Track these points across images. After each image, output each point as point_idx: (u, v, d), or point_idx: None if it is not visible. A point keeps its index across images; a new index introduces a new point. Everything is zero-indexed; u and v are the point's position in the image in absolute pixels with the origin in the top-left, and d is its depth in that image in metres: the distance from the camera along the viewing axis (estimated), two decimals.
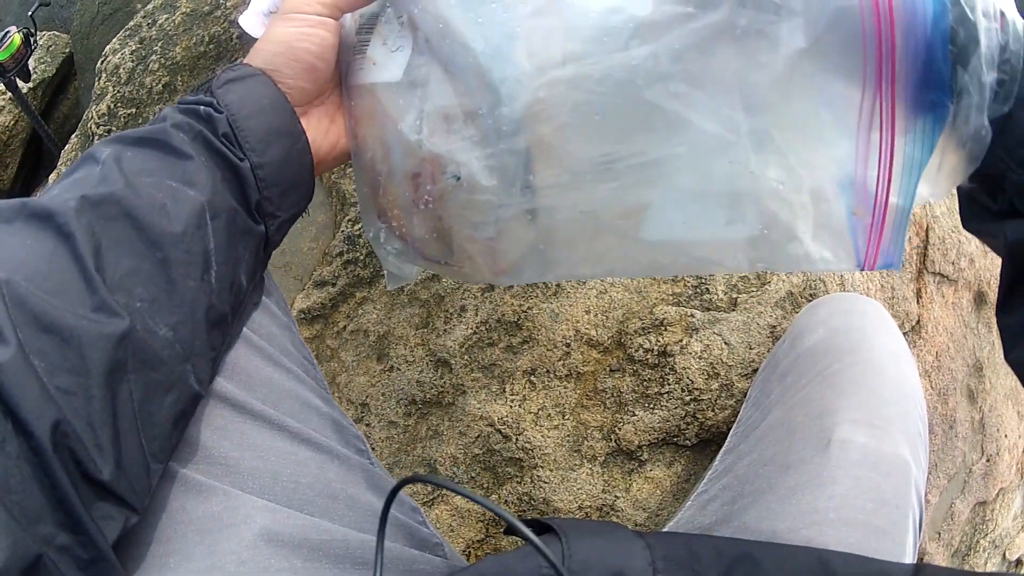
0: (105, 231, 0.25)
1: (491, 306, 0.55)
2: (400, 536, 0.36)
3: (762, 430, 0.43)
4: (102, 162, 0.27)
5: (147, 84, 0.75)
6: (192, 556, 0.26)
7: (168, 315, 0.26)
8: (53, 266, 0.23)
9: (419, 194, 0.27)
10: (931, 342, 0.68)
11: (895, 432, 0.38)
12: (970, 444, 0.76)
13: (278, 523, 0.29)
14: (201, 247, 0.28)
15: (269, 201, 0.31)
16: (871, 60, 0.21)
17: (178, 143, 0.29)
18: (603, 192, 0.24)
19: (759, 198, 0.23)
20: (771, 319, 0.54)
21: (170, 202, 0.27)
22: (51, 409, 0.21)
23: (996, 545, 0.86)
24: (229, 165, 0.29)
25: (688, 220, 0.23)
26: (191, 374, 0.27)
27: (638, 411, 0.53)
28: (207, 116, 0.30)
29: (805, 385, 0.42)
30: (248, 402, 0.31)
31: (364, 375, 0.58)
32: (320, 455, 0.33)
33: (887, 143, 0.21)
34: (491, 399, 0.55)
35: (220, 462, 0.29)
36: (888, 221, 0.22)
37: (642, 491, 0.54)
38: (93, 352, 0.22)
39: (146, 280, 0.25)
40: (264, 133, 0.30)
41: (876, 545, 0.34)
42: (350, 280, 0.59)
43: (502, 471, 0.55)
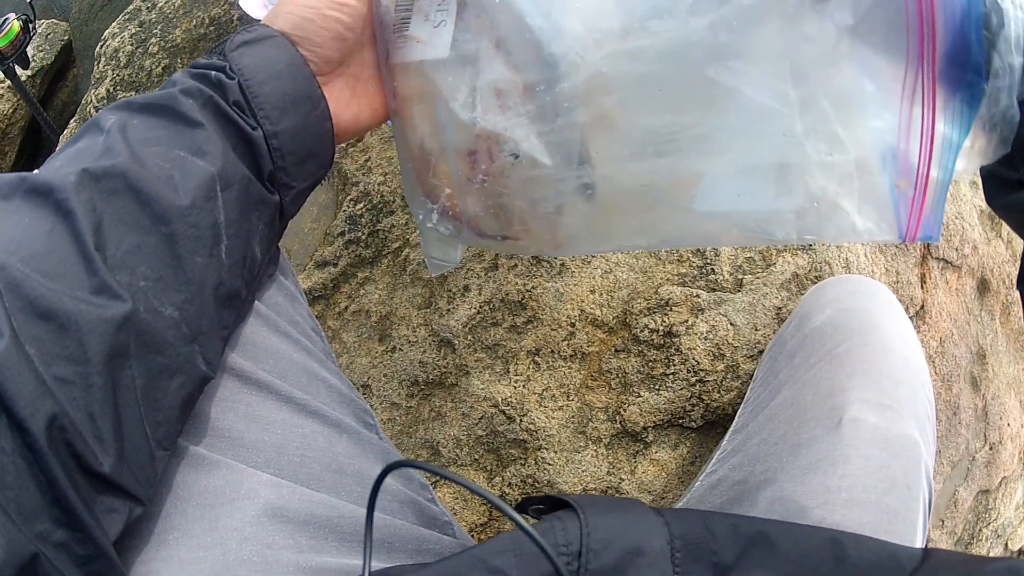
0: (107, 206, 0.24)
1: (495, 285, 0.54)
2: (410, 514, 0.35)
3: (771, 410, 0.43)
4: (106, 131, 0.26)
5: (147, 67, 0.74)
6: (193, 532, 0.25)
7: (174, 293, 0.25)
8: (51, 246, 0.22)
9: (475, 172, 0.28)
10: (935, 328, 0.68)
11: (905, 412, 0.38)
12: (973, 431, 0.75)
13: (283, 498, 0.28)
14: (210, 220, 0.26)
15: (284, 171, 0.29)
16: (913, 38, 0.22)
17: (187, 110, 0.27)
18: (660, 164, 0.25)
19: (807, 170, 0.23)
20: (777, 300, 0.54)
21: (177, 173, 0.26)
22: (47, 402, 0.20)
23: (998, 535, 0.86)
24: (241, 133, 0.28)
25: (740, 191, 0.24)
26: (198, 355, 0.26)
27: (643, 392, 0.53)
28: (218, 82, 0.28)
29: (814, 364, 0.42)
30: (254, 373, 0.30)
31: (366, 356, 0.58)
32: (328, 428, 0.32)
33: (928, 118, 0.22)
34: (495, 380, 0.54)
35: (224, 435, 0.28)
36: (929, 194, 0.23)
37: (647, 473, 0.54)
38: (92, 338, 0.21)
39: (150, 257, 0.24)
40: (280, 99, 0.29)
41: (888, 526, 0.34)
42: (352, 260, 0.58)
43: (506, 453, 0.54)
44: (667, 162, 0.25)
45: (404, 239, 0.57)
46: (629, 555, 0.25)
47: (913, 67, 0.22)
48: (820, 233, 0.24)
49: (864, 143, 0.23)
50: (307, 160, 0.30)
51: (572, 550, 0.25)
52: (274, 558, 0.26)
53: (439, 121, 0.28)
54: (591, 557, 0.25)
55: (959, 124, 0.22)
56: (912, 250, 0.66)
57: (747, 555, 0.25)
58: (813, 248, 0.55)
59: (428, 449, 0.56)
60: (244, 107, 0.28)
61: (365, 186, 0.59)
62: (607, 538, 0.25)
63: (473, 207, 0.29)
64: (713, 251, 0.54)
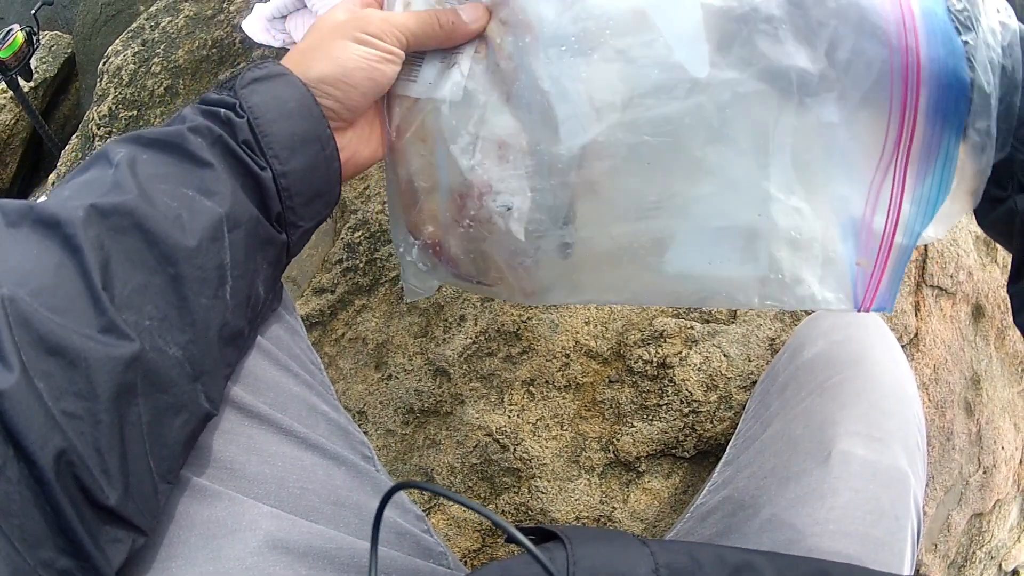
0: (115, 244, 0.24)
1: (490, 316, 0.55)
2: (406, 545, 0.35)
3: (762, 442, 0.43)
4: (115, 164, 0.26)
5: (149, 86, 0.75)
6: (195, 561, 0.26)
7: (179, 334, 0.25)
8: (60, 281, 0.22)
9: (462, 215, 0.28)
10: (929, 355, 0.69)
11: (894, 444, 0.38)
12: (967, 456, 0.76)
13: (283, 530, 0.28)
14: (216, 261, 0.26)
15: (292, 211, 0.29)
16: (895, 118, 0.23)
17: (196, 149, 0.27)
18: (640, 229, 0.26)
19: (775, 242, 0.25)
20: (770, 331, 0.54)
21: (185, 213, 0.26)
22: (56, 436, 0.20)
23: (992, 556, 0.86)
24: (249, 173, 0.28)
25: (711, 258, 0.26)
26: (201, 393, 0.26)
27: (636, 422, 0.53)
28: (227, 120, 0.28)
29: (805, 397, 0.43)
30: (255, 406, 0.31)
31: (362, 383, 0.58)
32: (327, 461, 0.33)
33: (897, 195, 0.24)
34: (489, 409, 0.55)
35: (226, 466, 0.29)
36: (888, 268, 0.24)
37: (640, 502, 0.54)
38: (101, 376, 0.22)
39: (156, 297, 0.24)
40: (288, 139, 0.29)
41: (875, 556, 0.34)
42: (349, 288, 0.59)
43: (499, 481, 0.55)
44: (646, 227, 0.26)
45: None
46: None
47: (891, 145, 0.23)
48: (781, 301, 0.25)
49: (831, 219, 0.24)
50: (315, 200, 0.30)
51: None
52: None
53: (435, 161, 0.29)
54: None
55: (939, 187, 0.24)
56: (907, 279, 0.67)
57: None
58: None
59: (422, 476, 0.56)
60: (253, 146, 0.28)
61: (363, 214, 0.60)
62: (592, 567, 0.26)
63: (455, 248, 0.30)
64: None
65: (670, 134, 0.24)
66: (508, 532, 0.22)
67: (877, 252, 0.24)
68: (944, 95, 0.23)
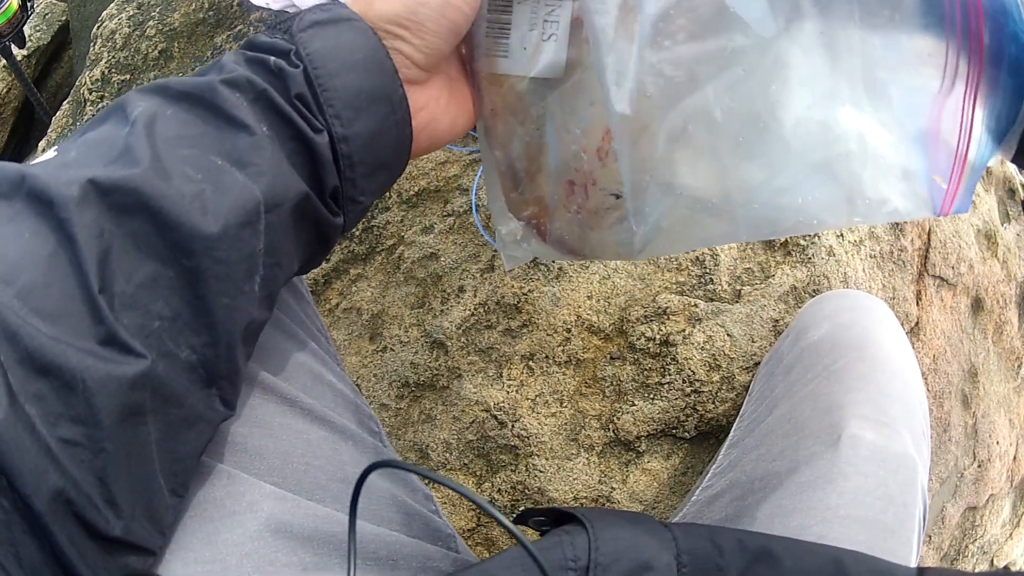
0: (117, 228, 0.20)
1: (490, 287, 0.53)
2: (414, 526, 0.33)
3: (768, 424, 0.43)
4: (132, 122, 0.22)
5: (143, 50, 0.73)
6: (189, 546, 0.24)
7: (193, 336, 0.21)
8: (52, 277, 0.19)
9: (570, 201, 0.27)
10: (929, 345, 0.68)
11: (901, 429, 0.38)
12: (963, 449, 0.76)
13: (287, 512, 0.26)
14: (246, 251, 0.22)
15: (351, 183, 0.25)
16: (958, 34, 0.22)
17: (230, 107, 0.22)
18: (736, 174, 0.26)
19: (858, 163, 0.24)
20: (774, 312, 0.53)
21: (209, 188, 0.21)
22: (52, 473, 0.18)
23: (984, 551, 0.86)
24: (300, 138, 0.23)
25: (802, 185, 0.25)
26: (216, 398, 0.23)
27: (637, 401, 0.52)
28: (278, 70, 0.23)
29: (811, 380, 0.42)
30: (258, 374, 0.28)
31: (356, 355, 0.57)
32: (334, 435, 0.31)
33: (968, 111, 0.23)
34: (487, 383, 0.53)
35: (224, 439, 0.26)
36: (962, 184, 0.24)
37: (639, 483, 0.53)
38: (102, 399, 0.19)
39: (167, 293, 0.21)
40: (353, 96, 0.24)
41: (884, 544, 0.34)
42: (344, 256, 0.57)
43: (496, 458, 0.54)
44: (743, 172, 0.25)
45: (398, 236, 0.56)
46: (637, 569, 0.24)
47: (953, 55, 0.22)
48: (867, 218, 0.25)
49: (907, 135, 0.24)
50: (378, 171, 0.26)
51: (580, 565, 0.24)
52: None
53: (541, 143, 0.27)
54: (599, 572, 0.24)
55: (1005, 118, 0.23)
56: (909, 267, 0.66)
57: (752, 571, 0.25)
58: (812, 261, 0.54)
59: (417, 452, 0.55)
60: (310, 103, 0.23)
61: None
62: (615, 552, 0.25)
63: (559, 230, 0.29)
64: (712, 260, 0.53)
65: (752, 96, 0.24)
66: (503, 523, 0.20)
67: (951, 168, 0.23)
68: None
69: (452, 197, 0.56)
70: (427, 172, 0.57)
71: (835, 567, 0.25)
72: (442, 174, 0.57)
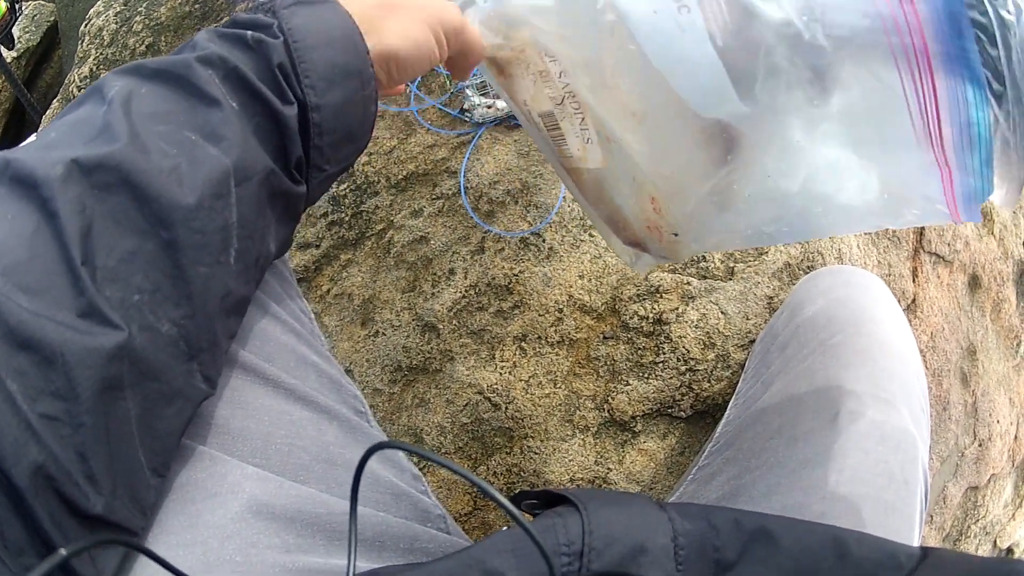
0: (99, 204, 0.20)
1: (481, 269, 0.53)
2: (403, 507, 0.33)
3: (764, 401, 0.42)
4: (108, 101, 0.22)
5: (130, 45, 0.73)
6: (172, 529, 0.23)
7: (173, 308, 0.22)
8: (35, 252, 0.19)
9: (652, 237, 0.36)
10: (926, 322, 0.68)
11: (900, 406, 0.37)
12: (963, 427, 0.75)
13: (269, 493, 0.26)
14: (220, 222, 0.23)
15: (319, 151, 0.26)
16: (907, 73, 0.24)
17: (202, 83, 0.23)
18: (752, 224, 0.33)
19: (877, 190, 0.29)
20: (768, 290, 0.53)
21: (185, 162, 0.22)
22: (32, 448, 0.18)
23: (987, 532, 0.86)
24: (268, 112, 0.24)
25: (814, 222, 0.31)
26: (197, 373, 0.23)
27: (632, 380, 0.52)
28: (256, 44, 0.24)
29: (807, 356, 0.41)
30: (240, 355, 0.28)
31: (348, 340, 0.56)
32: (318, 415, 0.30)
33: (940, 154, 0.25)
34: (480, 366, 0.53)
35: (207, 421, 0.26)
36: (962, 212, 0.27)
37: (635, 463, 0.53)
38: (80, 372, 0.19)
39: (147, 266, 0.21)
40: (328, 69, 0.25)
41: (885, 522, 0.33)
42: (334, 242, 0.57)
43: (491, 441, 0.53)
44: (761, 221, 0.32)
45: (388, 221, 0.55)
46: (632, 553, 0.24)
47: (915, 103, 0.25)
48: (895, 224, 0.30)
49: (906, 173, 0.28)
50: (345, 142, 0.27)
51: (574, 549, 0.24)
52: (258, 558, 0.24)
53: (617, 204, 0.36)
54: (593, 556, 0.24)
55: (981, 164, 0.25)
56: (904, 243, 0.66)
57: (749, 551, 0.25)
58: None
59: (411, 436, 0.55)
60: (289, 73, 0.25)
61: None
62: (610, 535, 0.24)
63: (655, 250, 0.39)
64: None
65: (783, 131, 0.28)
66: (502, 505, 0.19)
67: (948, 203, 0.27)
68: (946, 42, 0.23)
69: (441, 180, 0.56)
70: (415, 156, 0.57)
71: (835, 546, 0.25)
72: (430, 157, 0.57)
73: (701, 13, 0.25)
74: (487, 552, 0.24)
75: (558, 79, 0.33)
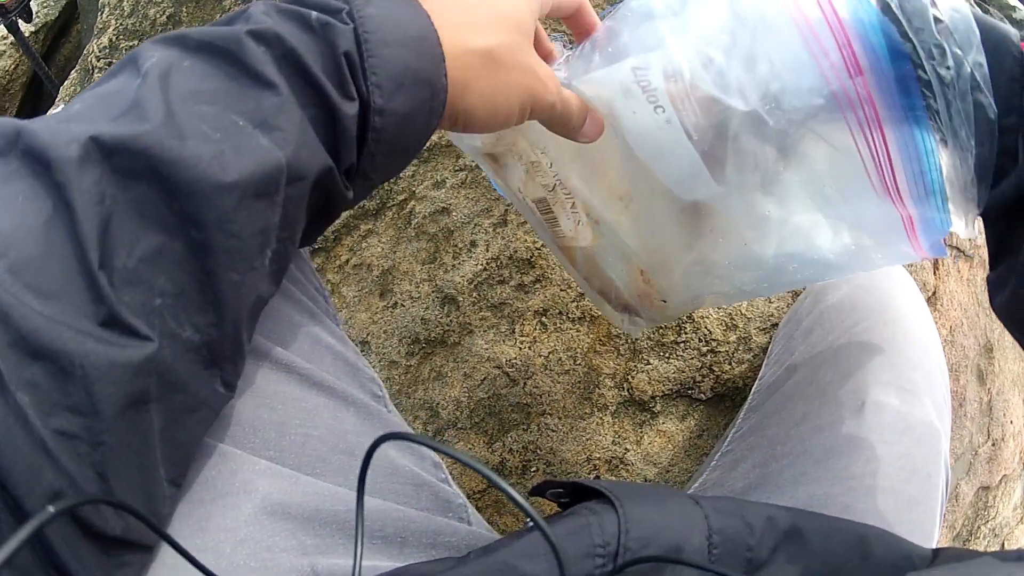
0: (120, 193, 0.18)
1: (503, 242, 0.52)
2: (423, 498, 0.31)
3: (789, 388, 0.42)
4: (143, 74, 0.19)
5: (151, 15, 0.72)
6: (180, 533, 0.22)
7: (198, 314, 0.19)
8: (49, 247, 0.17)
9: (643, 304, 0.40)
10: (946, 316, 0.67)
11: (924, 397, 0.37)
12: (977, 425, 0.74)
13: (284, 491, 0.24)
14: (260, 225, 0.20)
15: (371, 158, 0.23)
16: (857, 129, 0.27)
17: (255, 61, 0.20)
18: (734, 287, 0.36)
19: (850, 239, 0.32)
20: None
21: (229, 151, 0.19)
22: (48, 471, 0.16)
23: (996, 534, 0.85)
24: (324, 105, 0.21)
25: (809, 274, 0.34)
26: (218, 379, 0.21)
27: (653, 360, 0.51)
28: (321, 26, 0.21)
29: (832, 343, 0.41)
30: (251, 338, 0.26)
31: (365, 312, 0.56)
32: (334, 402, 0.28)
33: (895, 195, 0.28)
34: (499, 340, 0.52)
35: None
36: (924, 247, 0.29)
37: (653, 444, 0.52)
38: (103, 386, 0.17)
39: (172, 267, 0.19)
40: (399, 71, 0.22)
41: (909, 516, 0.33)
42: (354, 212, 0.56)
43: (508, 417, 0.53)
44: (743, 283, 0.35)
45: (410, 191, 0.55)
46: (667, 553, 0.23)
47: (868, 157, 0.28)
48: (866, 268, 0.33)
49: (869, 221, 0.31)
50: (398, 155, 0.24)
51: (609, 551, 0.23)
52: (274, 563, 0.23)
53: (609, 276, 0.39)
54: (628, 557, 0.23)
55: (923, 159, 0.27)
56: None
57: (780, 551, 0.24)
58: None
59: (427, 411, 0.54)
60: (355, 65, 0.22)
61: None
62: (646, 536, 0.23)
63: (647, 315, 0.42)
64: None
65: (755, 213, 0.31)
66: (527, 511, 0.18)
67: (912, 244, 0.30)
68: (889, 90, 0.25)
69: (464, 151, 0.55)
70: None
71: (861, 547, 0.25)
72: None
73: (675, 112, 0.28)
74: (520, 555, 0.22)
75: (548, 168, 0.35)
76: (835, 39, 0.25)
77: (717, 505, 0.25)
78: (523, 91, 0.26)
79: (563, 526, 0.24)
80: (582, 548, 0.23)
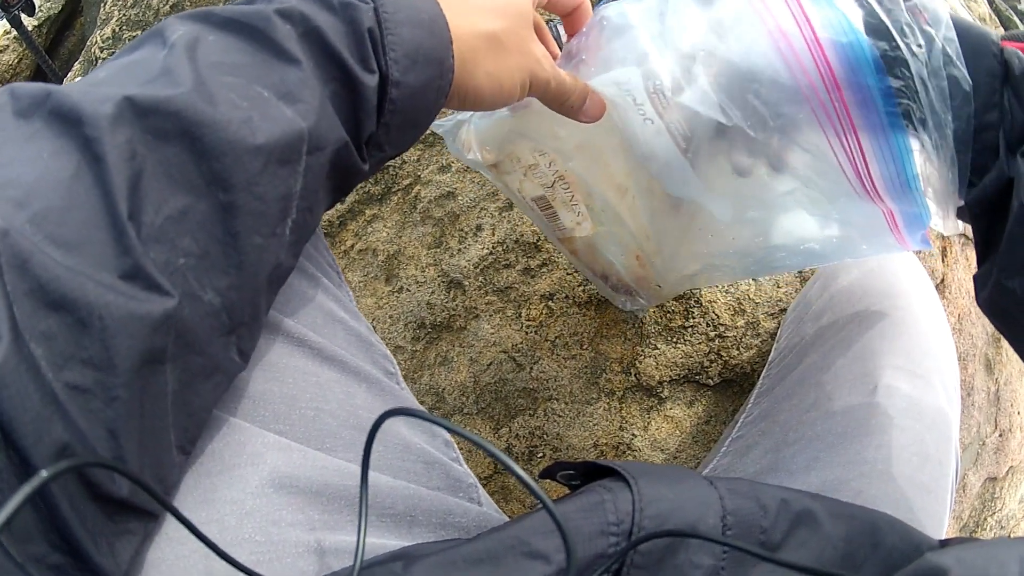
0: (151, 153, 0.18)
1: (509, 225, 0.52)
2: (435, 477, 0.31)
3: (800, 372, 0.41)
4: (170, 45, 0.20)
5: (154, 5, 0.72)
6: (185, 505, 0.21)
7: (219, 276, 0.20)
8: (73, 199, 0.17)
9: (640, 288, 0.43)
10: (954, 303, 0.67)
11: (935, 382, 0.37)
12: (985, 415, 0.74)
13: (292, 464, 0.24)
14: (283, 190, 0.21)
15: (386, 129, 0.24)
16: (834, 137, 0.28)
17: (281, 38, 0.21)
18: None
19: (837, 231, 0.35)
20: None
21: (257, 116, 0.20)
22: (56, 424, 0.16)
23: (1002, 527, 0.84)
24: (347, 79, 0.22)
25: (797, 261, 0.36)
26: (234, 347, 0.21)
27: (660, 344, 0.51)
28: (342, 7, 0.23)
29: (843, 326, 0.41)
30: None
31: (371, 296, 0.55)
32: (346, 377, 0.28)
33: (873, 193, 0.29)
34: (505, 324, 0.52)
35: None
36: (909, 242, 0.31)
37: (661, 430, 0.52)
38: (121, 340, 0.17)
39: (197, 228, 0.19)
40: (413, 49, 0.24)
41: (921, 502, 0.33)
42: (359, 196, 0.56)
43: (514, 402, 0.52)
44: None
45: (415, 176, 0.55)
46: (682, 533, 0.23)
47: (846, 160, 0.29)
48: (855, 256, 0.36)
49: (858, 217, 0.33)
50: (409, 127, 0.26)
51: (623, 528, 0.23)
52: (280, 537, 0.22)
53: (609, 260, 0.42)
54: (641, 535, 0.22)
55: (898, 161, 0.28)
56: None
57: (793, 534, 0.24)
58: None
59: (433, 396, 0.54)
60: (378, 41, 0.23)
61: None
62: (660, 514, 0.23)
63: (644, 295, 0.45)
64: None
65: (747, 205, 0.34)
66: (536, 493, 0.18)
67: (896, 237, 0.32)
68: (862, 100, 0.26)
69: None
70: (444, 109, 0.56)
71: (872, 534, 0.25)
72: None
73: (664, 125, 0.30)
74: (531, 531, 0.22)
75: (548, 168, 0.37)
76: (811, 53, 0.26)
77: (732, 486, 0.25)
78: (523, 70, 0.29)
79: (576, 503, 0.23)
80: (596, 526, 0.22)
